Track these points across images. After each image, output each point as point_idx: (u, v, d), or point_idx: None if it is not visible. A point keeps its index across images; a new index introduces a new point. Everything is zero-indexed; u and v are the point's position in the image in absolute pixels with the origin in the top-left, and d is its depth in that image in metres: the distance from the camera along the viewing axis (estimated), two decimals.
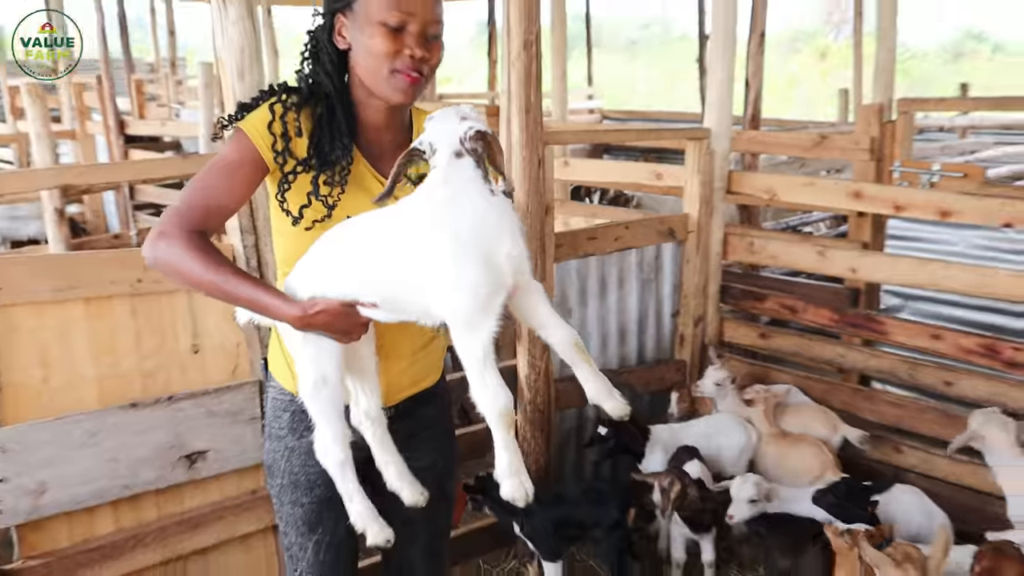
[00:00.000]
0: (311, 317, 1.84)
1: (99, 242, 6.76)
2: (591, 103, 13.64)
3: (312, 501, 2.22)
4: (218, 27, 2.82)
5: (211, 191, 1.95)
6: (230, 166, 1.97)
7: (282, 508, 2.28)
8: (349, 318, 1.86)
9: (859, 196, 4.09)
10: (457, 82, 23.00)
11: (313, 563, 2.28)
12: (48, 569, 2.83)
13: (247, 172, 1.97)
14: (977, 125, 9.47)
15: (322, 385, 1.95)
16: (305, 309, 1.84)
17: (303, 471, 2.20)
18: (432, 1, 1.98)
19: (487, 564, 3.91)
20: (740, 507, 3.36)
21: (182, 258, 1.85)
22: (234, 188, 1.97)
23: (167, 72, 12.92)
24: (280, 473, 2.24)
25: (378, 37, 1.95)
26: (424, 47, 1.97)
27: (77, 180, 3.96)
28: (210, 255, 1.86)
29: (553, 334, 1.91)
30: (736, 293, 4.66)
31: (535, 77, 3.56)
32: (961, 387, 3.82)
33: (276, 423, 2.24)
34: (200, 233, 1.90)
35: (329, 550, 2.27)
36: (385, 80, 1.98)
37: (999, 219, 3.64)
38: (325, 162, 2.01)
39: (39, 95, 6.79)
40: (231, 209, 2.00)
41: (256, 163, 1.98)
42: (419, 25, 1.95)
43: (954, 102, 8.76)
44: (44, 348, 2.77)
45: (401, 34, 1.95)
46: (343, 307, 1.84)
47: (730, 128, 4.37)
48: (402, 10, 1.93)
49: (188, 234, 1.87)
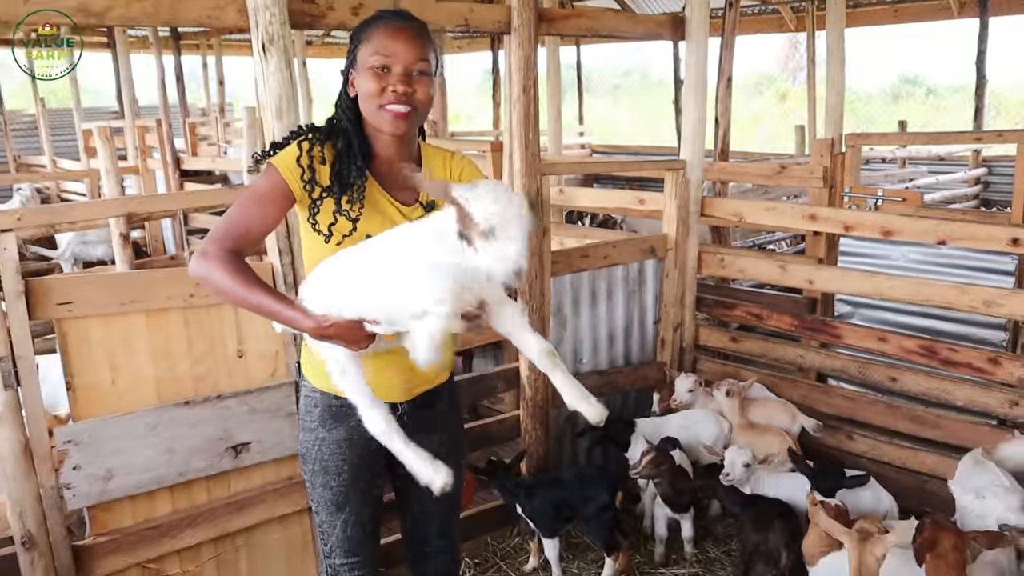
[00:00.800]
0: (324, 330, 1.87)
1: (157, 262, 6.77)
2: (582, 139, 13.65)
3: (340, 485, 2.23)
4: (260, 76, 2.83)
5: (245, 217, 1.98)
6: (262, 196, 2.00)
7: (314, 491, 2.28)
8: (356, 332, 1.88)
9: (814, 218, 4.08)
10: (466, 121, 23.01)
11: (341, 539, 2.28)
12: (115, 545, 2.82)
13: (277, 201, 2.01)
14: (914, 157, 9.48)
15: (343, 373, 1.99)
16: (319, 323, 1.87)
17: (332, 459, 2.21)
18: (411, 44, 1.99)
19: (494, 540, 3.88)
20: (736, 469, 3.36)
21: (219, 276, 1.89)
22: (265, 215, 2.00)
23: (216, 116, 12.95)
24: (312, 460, 2.24)
25: (368, 80, 1.99)
26: (407, 83, 1.99)
27: (139, 208, 3.96)
28: (242, 274, 1.89)
29: (528, 346, 1.92)
30: (709, 303, 4.64)
31: (533, 117, 3.57)
32: (904, 383, 3.80)
33: (308, 417, 2.24)
34: (235, 253, 1.92)
35: (356, 527, 2.27)
36: (377, 115, 2.01)
37: (934, 237, 3.63)
38: (344, 184, 2.03)
39: (108, 137, 6.80)
40: (263, 233, 2.03)
41: (285, 193, 2.01)
42: (401, 65, 1.98)
43: (894, 136, 8.76)
44: (111, 354, 2.76)
45: (387, 74, 1.98)
46: (352, 323, 1.87)
47: (702, 160, 4.36)
48: (383, 54, 1.97)
49: (225, 254, 1.90)
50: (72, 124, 12.04)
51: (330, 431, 2.20)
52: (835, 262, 5.07)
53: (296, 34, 11.58)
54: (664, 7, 12.60)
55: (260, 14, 2.74)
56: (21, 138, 13.88)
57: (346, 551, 2.29)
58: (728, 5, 6.65)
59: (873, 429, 3.95)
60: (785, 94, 22.79)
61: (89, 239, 7.91)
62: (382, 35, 1.99)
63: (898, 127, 10.75)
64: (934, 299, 3.62)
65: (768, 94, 23.73)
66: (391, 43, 1.98)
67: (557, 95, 8.05)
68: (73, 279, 2.81)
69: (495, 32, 4.10)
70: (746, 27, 11.82)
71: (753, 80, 23.56)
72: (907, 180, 8.60)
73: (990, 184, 9.86)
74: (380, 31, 2.00)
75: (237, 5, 2.76)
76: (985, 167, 9.85)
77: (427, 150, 2.22)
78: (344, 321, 1.86)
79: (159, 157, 8.58)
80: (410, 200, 2.13)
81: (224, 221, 1.98)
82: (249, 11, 2.75)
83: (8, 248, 2.54)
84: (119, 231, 5.39)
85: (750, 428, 3.92)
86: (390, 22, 2.02)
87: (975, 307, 3.50)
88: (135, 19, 2.66)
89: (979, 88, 9.45)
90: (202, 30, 13.63)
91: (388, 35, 1.99)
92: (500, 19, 3.49)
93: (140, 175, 8.92)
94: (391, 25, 2.01)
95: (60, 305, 2.64)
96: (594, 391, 3.81)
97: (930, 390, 3.72)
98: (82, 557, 2.76)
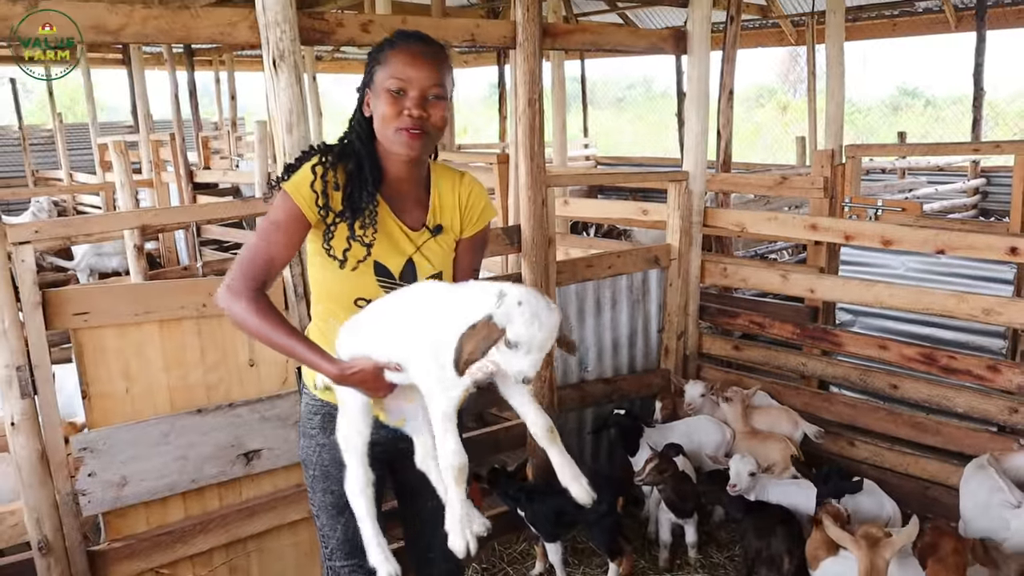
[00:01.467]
0: (347, 376, 1.88)
1: (171, 273, 6.79)
2: (587, 151, 13.68)
3: (341, 490, 2.20)
4: (271, 91, 2.84)
5: (267, 247, 1.98)
6: (278, 225, 1.99)
7: (315, 495, 2.28)
8: (377, 380, 1.89)
9: (815, 228, 4.07)
10: (472, 134, 23.07)
11: (342, 541, 2.27)
12: (129, 550, 2.83)
13: (293, 229, 2.00)
14: (913, 168, 9.45)
15: (348, 425, 1.99)
16: (343, 369, 1.88)
17: (332, 464, 2.20)
18: (428, 69, 1.98)
19: (501, 546, 3.87)
20: (742, 479, 3.34)
21: (246, 316, 1.92)
22: (283, 243, 1.99)
23: (229, 130, 13.00)
24: (313, 466, 2.25)
25: (384, 103, 1.98)
26: (422, 107, 1.97)
27: (153, 221, 3.98)
28: (268, 314, 1.92)
29: (530, 419, 1.89)
30: (712, 311, 4.64)
31: (538, 129, 3.57)
32: (905, 390, 3.79)
33: (308, 423, 2.25)
34: (260, 291, 1.94)
35: (356, 530, 2.25)
36: (392, 137, 2.00)
37: (933, 247, 3.62)
38: (357, 209, 2.02)
39: (123, 151, 6.83)
40: (285, 261, 2.02)
41: (299, 220, 2.00)
42: (417, 90, 1.97)
43: (894, 148, 8.73)
44: (126, 363, 2.78)
45: (402, 98, 1.97)
46: (374, 369, 1.87)
47: (705, 171, 4.36)
48: (400, 78, 1.96)
49: (250, 292, 1.92)
50: (88, 139, 12.12)
51: (329, 437, 2.17)
52: (836, 271, 5.06)
53: (306, 49, 11.65)
54: (667, 22, 12.64)
55: (271, 31, 2.75)
56: (39, 152, 13.99)
57: (346, 553, 2.28)
58: (729, 19, 6.66)
59: (875, 436, 3.94)
60: (786, 106, 22.78)
61: (104, 251, 7.96)
62: (400, 59, 1.98)
63: (897, 138, 10.74)
64: (934, 307, 3.61)
65: (769, 106, 23.71)
66: (408, 68, 1.97)
67: (562, 108, 8.08)
68: (89, 290, 2.83)
69: (501, 47, 4.12)
70: (747, 41, 11.85)
71: (755, 92, 23.55)
72: (907, 191, 8.57)
73: (988, 194, 9.83)
74: (399, 55, 1.99)
75: (249, 22, 2.77)
76: (983, 177, 9.82)
77: (437, 172, 2.20)
78: (369, 368, 1.86)
79: (173, 170, 8.63)
80: (417, 224, 2.13)
81: (246, 252, 1.99)
82: (260, 28, 2.76)
83: (26, 260, 2.55)
84: (133, 243, 5.41)
85: (753, 435, 3.91)
86: (409, 46, 2.00)
87: (974, 315, 3.49)
88: (150, 36, 2.67)
89: (977, 100, 9.44)
90: (214, 46, 13.73)
91: (406, 60, 1.97)
92: (506, 34, 3.50)
93: (154, 188, 8.98)
94: (409, 50, 1.99)
95: (76, 315, 2.66)
96: (600, 398, 3.79)
97: (931, 397, 3.71)
98: (97, 562, 2.77)
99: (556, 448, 1.92)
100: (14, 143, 13.54)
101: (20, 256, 2.55)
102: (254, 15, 2.76)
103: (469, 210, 2.20)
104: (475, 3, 12.57)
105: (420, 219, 2.13)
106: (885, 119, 20.45)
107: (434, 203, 2.16)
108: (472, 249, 2.24)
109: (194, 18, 2.70)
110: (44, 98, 14.39)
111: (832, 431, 4.01)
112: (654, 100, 23.45)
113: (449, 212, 2.17)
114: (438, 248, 2.15)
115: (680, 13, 9.84)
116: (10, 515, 2.68)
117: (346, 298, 2.08)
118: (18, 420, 2.57)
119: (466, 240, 2.21)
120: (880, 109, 21.48)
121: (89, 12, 2.51)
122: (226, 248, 8.77)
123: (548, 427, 1.89)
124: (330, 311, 2.12)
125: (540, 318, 1.65)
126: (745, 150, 18.84)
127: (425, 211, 2.14)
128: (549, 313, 1.68)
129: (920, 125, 19.12)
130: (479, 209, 2.21)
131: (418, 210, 2.14)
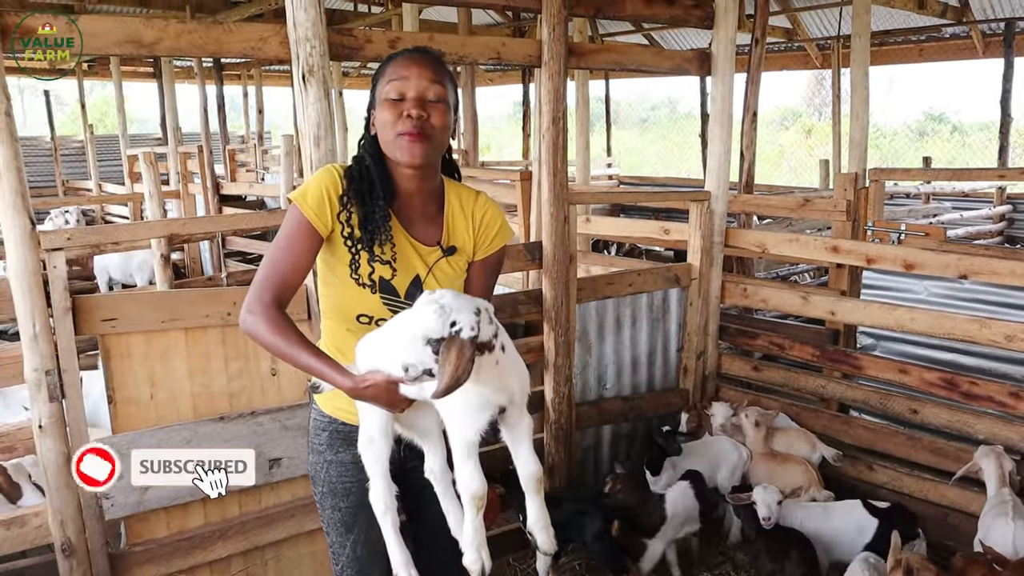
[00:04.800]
0: (361, 390, 1.86)
1: (196, 283, 6.88)
2: (610, 170, 13.71)
3: (348, 506, 2.20)
4: (300, 105, 2.89)
5: (279, 265, 1.97)
6: (288, 239, 1.98)
7: (324, 512, 2.26)
8: (391, 394, 1.86)
9: (837, 250, 4.07)
10: (496, 152, 23.17)
11: (352, 559, 2.25)
12: (149, 554, 2.86)
13: (304, 242, 1.98)
14: (938, 193, 9.40)
15: (370, 443, 1.99)
16: (356, 383, 1.86)
17: (340, 481, 2.19)
18: (423, 70, 1.97)
19: (515, 562, 3.88)
20: (773, 511, 3.26)
21: (263, 333, 1.91)
22: (297, 259, 1.98)
23: (255, 143, 13.18)
24: (321, 482, 2.23)
25: (384, 111, 1.97)
26: (421, 107, 1.96)
27: (181, 231, 4.04)
28: (286, 332, 1.90)
29: (521, 465, 1.89)
30: (732, 332, 4.63)
31: (561, 147, 3.60)
32: (925, 415, 3.76)
33: (317, 440, 2.23)
34: (277, 308, 1.93)
35: (364, 547, 2.24)
36: (393, 143, 1.98)
37: (956, 271, 3.61)
38: (373, 230, 2.00)
39: (152, 162, 6.96)
40: (300, 276, 2.00)
41: (310, 233, 1.98)
42: (415, 91, 1.96)
43: (918, 172, 8.69)
44: (151, 369, 2.82)
45: (401, 103, 1.96)
46: (388, 384, 1.84)
47: (727, 191, 4.37)
48: (397, 81, 1.97)
49: (268, 311, 1.92)
50: (118, 150, 12.34)
51: (337, 454, 2.18)
52: (858, 295, 5.04)
53: (333, 65, 11.79)
54: (692, 43, 12.68)
55: (301, 46, 2.81)
56: (70, 163, 14.27)
57: (356, 571, 2.26)
58: (754, 42, 6.69)
59: (894, 460, 3.91)
60: (811, 129, 22.72)
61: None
62: (396, 65, 2.00)
63: (922, 163, 10.69)
64: (955, 332, 3.59)
65: (794, 129, 23.67)
66: (403, 70, 1.97)
67: (585, 127, 8.11)
68: (117, 297, 2.89)
69: (526, 65, 4.16)
70: (773, 63, 11.86)
71: (779, 115, 23.53)
72: (931, 216, 8.52)
73: (1015, 221, 9.74)
74: (395, 62, 2.01)
75: (280, 37, 2.83)
76: (1010, 204, 9.74)
77: (451, 189, 2.15)
78: (381, 382, 1.84)
79: (200, 182, 8.76)
80: (430, 241, 2.09)
81: (260, 271, 1.98)
82: (291, 43, 2.82)
83: (58, 266, 2.61)
84: (160, 252, 5.51)
85: (772, 457, 3.90)
86: (405, 54, 2.03)
87: (996, 341, 3.47)
88: (183, 50, 2.73)
89: (1004, 126, 9.40)
90: (243, 61, 13.93)
91: (402, 64, 1.99)
92: (531, 53, 3.54)
93: (181, 199, 9.10)
94: (405, 56, 2.02)
95: (104, 321, 2.71)
96: (617, 416, 3.80)
97: (951, 423, 3.68)
98: (118, 565, 2.81)
99: (537, 499, 1.91)
100: (46, 153, 13.81)
101: (52, 263, 2.61)
102: (285, 31, 2.82)
103: (484, 231, 2.14)
104: (501, 22, 12.68)
105: (433, 236, 2.09)
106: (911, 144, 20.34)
107: (448, 222, 2.11)
108: (485, 272, 2.18)
109: (227, 33, 2.76)
110: (76, 110, 14.67)
111: (851, 455, 3.98)
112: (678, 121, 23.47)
113: (462, 232, 2.13)
114: (449, 269, 2.11)
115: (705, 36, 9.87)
116: (35, 516, 2.72)
117: (350, 313, 2.06)
118: (46, 423, 2.62)
119: (479, 263, 2.16)
120: (906, 134, 21.38)
121: (126, 26, 2.58)
122: (250, 260, 8.87)
123: (539, 477, 1.89)
124: (333, 326, 2.11)
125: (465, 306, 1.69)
126: (769, 172, 18.79)
127: (437, 228, 2.11)
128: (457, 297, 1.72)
129: (947, 151, 19.00)
130: (494, 230, 2.16)
131: (430, 227, 2.10)
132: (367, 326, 2.04)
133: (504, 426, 1.85)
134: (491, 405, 1.79)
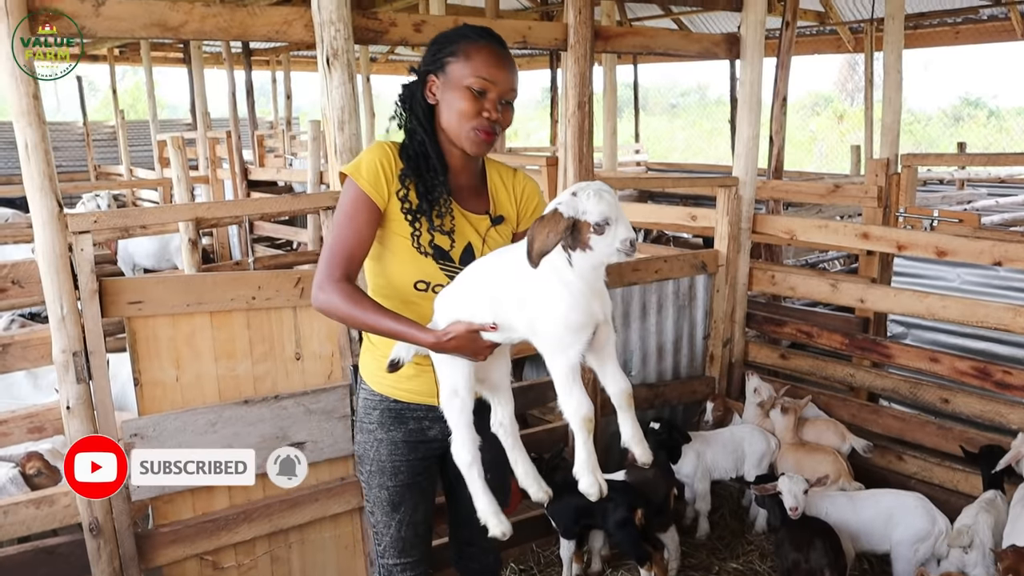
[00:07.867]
0: (444, 343, 1.89)
1: (223, 267, 6.92)
2: (638, 156, 13.60)
3: (396, 485, 2.25)
4: (324, 88, 2.89)
5: (342, 241, 2.02)
6: (348, 215, 2.03)
7: (370, 491, 2.30)
8: (475, 342, 1.90)
9: (867, 237, 4.00)
10: (524, 138, 23.09)
11: (395, 538, 2.30)
12: (175, 535, 2.89)
13: (364, 215, 2.03)
14: (973, 179, 9.20)
15: (453, 396, 2.00)
16: (438, 337, 1.89)
17: (389, 460, 2.23)
18: (510, 74, 2.04)
19: (539, 548, 3.87)
20: (800, 500, 3.21)
21: (337, 306, 1.97)
22: (360, 233, 2.03)
23: (283, 129, 13.23)
24: (370, 461, 2.27)
25: (464, 99, 2.01)
26: (499, 111, 2.03)
27: (207, 214, 4.04)
28: (357, 301, 1.96)
29: (611, 383, 1.92)
30: (759, 319, 4.58)
31: (587, 132, 3.58)
32: (957, 404, 3.70)
33: (367, 419, 2.27)
34: (346, 280, 1.99)
35: (409, 528, 2.29)
36: (466, 135, 2.04)
37: (990, 258, 3.53)
38: (433, 201, 2.06)
39: (181, 146, 7.00)
40: (364, 250, 2.05)
41: (370, 207, 2.03)
42: (497, 93, 2.02)
43: (951, 157, 8.53)
44: (177, 352, 2.84)
45: (482, 98, 2.01)
46: (469, 333, 1.88)
47: (755, 177, 4.31)
48: (485, 79, 2.00)
49: (337, 284, 1.97)
50: (149, 135, 12.45)
51: (388, 432, 2.22)
52: (888, 283, 4.96)
53: (361, 51, 11.80)
54: (721, 27, 12.51)
55: (325, 29, 2.80)
56: (101, 148, 14.41)
57: (399, 551, 2.31)
58: (785, 25, 6.58)
59: (924, 450, 3.85)
60: (843, 115, 22.36)
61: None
62: (484, 59, 2.01)
63: (956, 148, 10.47)
64: (988, 321, 3.52)
65: (825, 115, 23.32)
66: (494, 70, 2.01)
67: (613, 112, 8.07)
68: (144, 280, 2.90)
69: (552, 49, 4.13)
70: (804, 47, 11.66)
71: (811, 100, 23.19)
72: (965, 202, 8.34)
73: None
74: (481, 53, 2.02)
75: (304, 21, 2.82)
76: None
77: (491, 166, 2.26)
78: (463, 332, 1.87)
79: (228, 167, 8.81)
80: (480, 211, 2.17)
81: (326, 250, 2.04)
82: (315, 26, 2.82)
83: (85, 249, 2.63)
84: (188, 236, 5.54)
85: (800, 446, 3.85)
86: (492, 46, 2.04)
87: None
88: (209, 33, 2.74)
89: None
90: (272, 46, 13.97)
91: (490, 61, 2.02)
92: (557, 36, 3.51)
93: (210, 184, 9.17)
94: (494, 50, 2.04)
95: (131, 304, 2.73)
96: (643, 404, 3.78)
97: (984, 412, 3.61)
98: (144, 546, 2.83)
99: (629, 414, 1.94)
100: (78, 139, 13.95)
101: (79, 245, 2.62)
102: (310, 14, 2.81)
103: (525, 203, 2.26)
104: (528, 7, 12.60)
105: (481, 207, 2.18)
106: (946, 130, 19.97)
107: (492, 194, 2.22)
108: None
109: (251, 16, 2.76)
110: (108, 96, 14.80)
111: (880, 444, 3.93)
112: (708, 108, 23.23)
113: (506, 204, 2.23)
114: (499, 237, 2.19)
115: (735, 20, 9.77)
116: (64, 496, 2.76)
117: (407, 283, 2.10)
118: (73, 404, 2.64)
119: (521, 234, 2.23)
120: (941, 119, 20.98)
121: (152, 9, 2.59)
122: (278, 245, 8.92)
123: (629, 392, 1.92)
124: (385, 300, 2.12)
125: (602, 194, 1.73)
126: (800, 158, 18.55)
127: (483, 200, 2.20)
128: (608, 189, 1.76)
129: (983, 136, 18.61)
130: (534, 203, 2.27)
131: (476, 199, 2.19)
132: (424, 292, 2.10)
133: (591, 349, 1.87)
134: (590, 324, 1.82)
